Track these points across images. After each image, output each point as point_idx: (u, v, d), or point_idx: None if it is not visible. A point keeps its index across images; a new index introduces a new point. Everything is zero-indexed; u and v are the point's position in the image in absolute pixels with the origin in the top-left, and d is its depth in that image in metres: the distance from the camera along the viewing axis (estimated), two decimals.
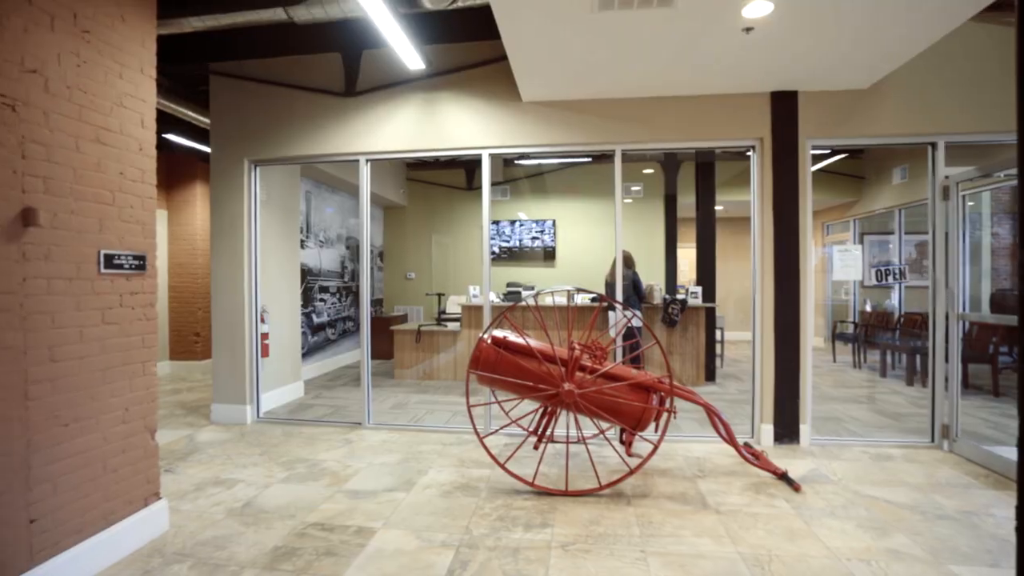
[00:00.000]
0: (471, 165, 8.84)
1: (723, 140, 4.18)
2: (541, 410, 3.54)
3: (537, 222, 8.82)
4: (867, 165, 8.42)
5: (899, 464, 3.63)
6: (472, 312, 6.62)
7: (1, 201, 1.97)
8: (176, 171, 7.67)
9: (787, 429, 4.05)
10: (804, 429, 4.03)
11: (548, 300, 6.67)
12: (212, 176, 4.78)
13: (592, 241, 8.73)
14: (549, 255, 8.89)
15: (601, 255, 8.45)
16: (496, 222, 8.93)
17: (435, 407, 5.24)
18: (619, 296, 4.37)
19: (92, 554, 2.31)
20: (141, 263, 2.60)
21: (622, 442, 3.64)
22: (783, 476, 3.30)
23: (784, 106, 4.04)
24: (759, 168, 4.14)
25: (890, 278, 4.24)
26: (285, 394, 5.47)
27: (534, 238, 8.83)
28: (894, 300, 7.51)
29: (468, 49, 4.40)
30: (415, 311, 8.98)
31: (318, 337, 7.09)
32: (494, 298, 6.87)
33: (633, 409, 3.21)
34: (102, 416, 2.39)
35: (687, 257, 9.92)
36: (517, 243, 8.83)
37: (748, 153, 4.23)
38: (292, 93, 4.65)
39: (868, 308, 7.83)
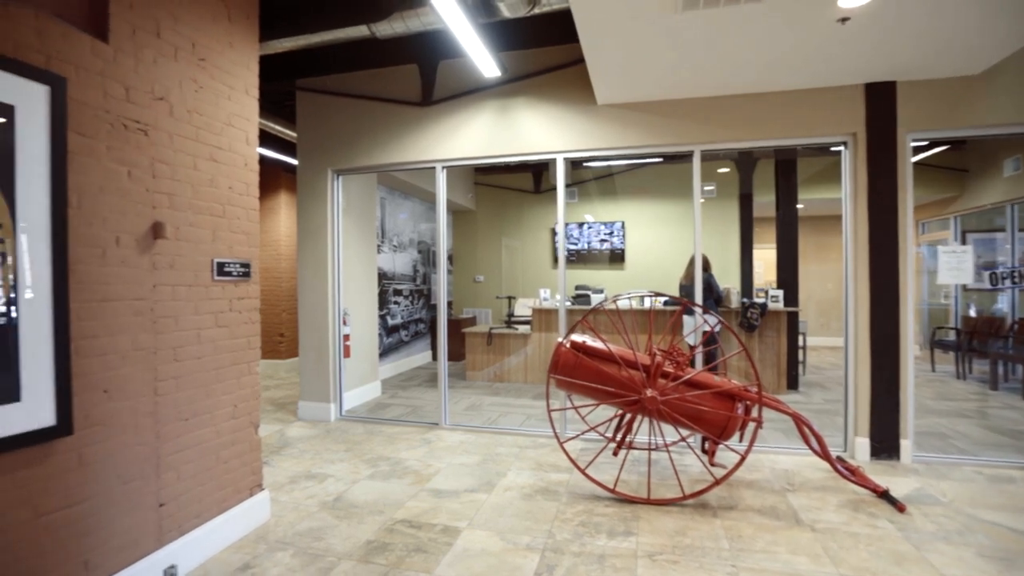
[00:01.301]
0: (538, 168, 8.87)
1: (810, 137, 3.96)
2: (620, 416, 3.50)
3: (606, 224, 8.72)
4: (971, 157, 7.72)
5: (1023, 488, 3.30)
6: (542, 315, 6.64)
7: (136, 217, 2.19)
8: (262, 182, 8.18)
9: (885, 444, 3.78)
10: (905, 444, 3.74)
11: (624, 303, 6.57)
12: (299, 186, 5.07)
13: (662, 243, 8.53)
14: (618, 257, 8.76)
15: (672, 257, 8.24)
16: (564, 224, 8.90)
17: (508, 410, 5.29)
18: (699, 299, 4.24)
19: (208, 538, 2.51)
20: (247, 270, 2.80)
21: (704, 451, 3.54)
22: (884, 494, 3.09)
23: (880, 98, 3.78)
24: (852, 165, 3.90)
25: (1007, 281, 3.85)
26: (364, 393, 5.70)
27: (603, 240, 8.74)
28: (1003, 304, 6.82)
29: (542, 54, 4.43)
30: (483, 313, 9.11)
31: (392, 338, 7.34)
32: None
33: (717, 418, 3.11)
34: (215, 411, 2.59)
35: (763, 258, 9.49)
36: (585, 245, 8.76)
37: (837, 149, 3.99)
38: (372, 105, 4.85)
39: (972, 313, 7.17)
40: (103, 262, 2.05)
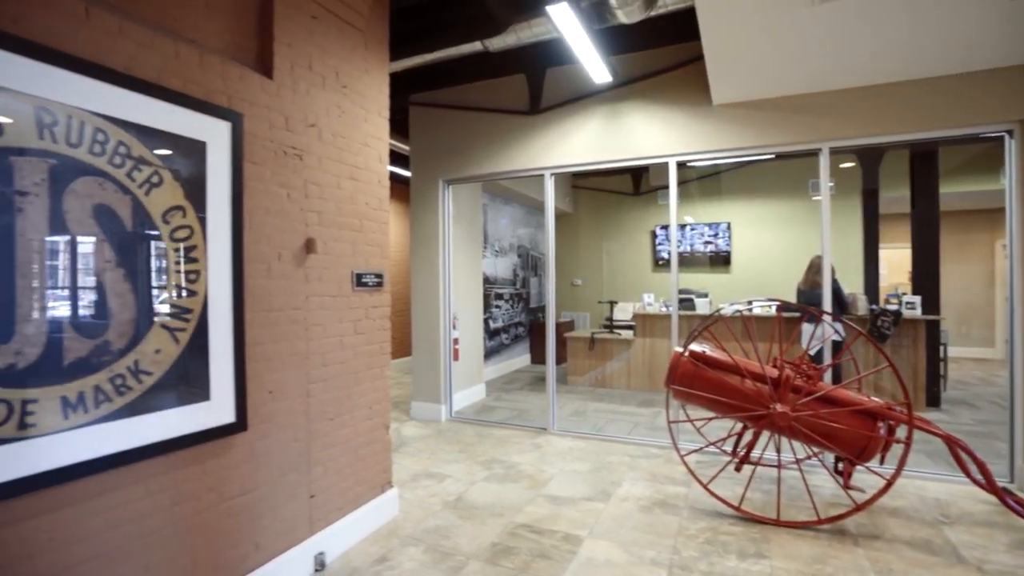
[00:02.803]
0: (638, 170, 8.67)
1: (963, 127, 3.54)
2: (743, 431, 3.34)
3: (710, 225, 8.35)
4: None
5: None
6: (646, 320, 6.49)
7: (292, 234, 2.41)
8: None
9: None
10: None
11: (731, 309, 6.26)
12: (412, 196, 5.34)
13: (772, 245, 8.02)
14: (723, 260, 8.36)
15: (782, 261, 7.73)
16: (664, 227, 8.65)
17: (614, 417, 5.22)
18: (827, 307, 3.94)
19: (349, 530, 2.71)
20: (380, 280, 2.99)
21: (836, 471, 3.28)
22: None
23: None
24: (1018, 156, 3.44)
25: None
26: (470, 395, 5.88)
27: (707, 242, 8.38)
28: None
29: (652, 56, 4.33)
30: (581, 317, 9.07)
31: (494, 341, 7.51)
32: (665, 307, 6.66)
33: (855, 437, 2.87)
34: (354, 412, 2.80)
35: (888, 259, 8.63)
36: (688, 248, 8.45)
37: (993, 136, 3.54)
38: (480, 115, 5.00)
39: None
40: (268, 276, 2.28)
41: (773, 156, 7.31)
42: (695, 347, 3.28)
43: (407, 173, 5.44)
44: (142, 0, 1.85)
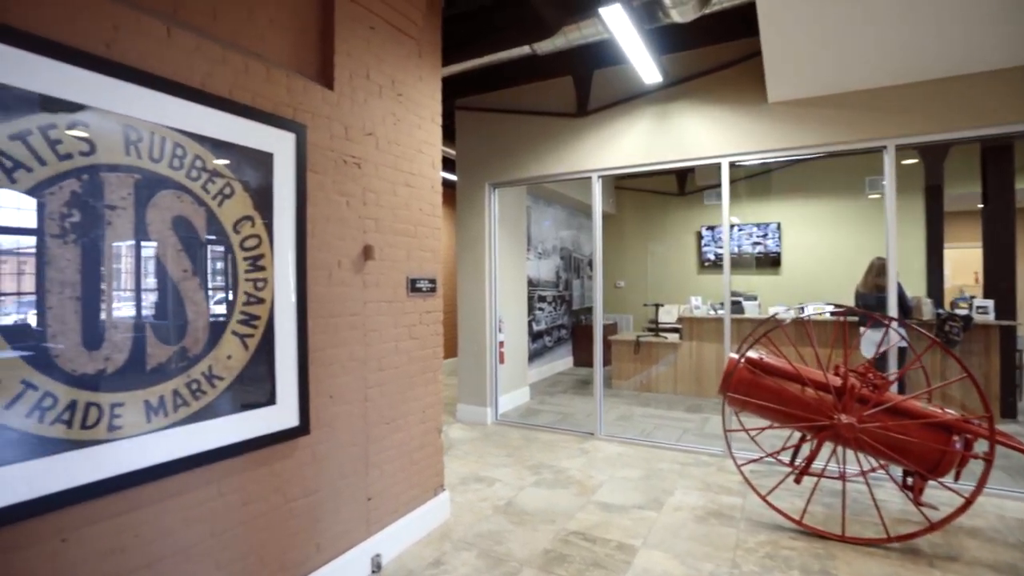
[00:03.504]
0: (683, 170, 8.48)
1: None
2: (802, 441, 3.21)
3: (759, 225, 8.09)
4: None
5: None
6: (694, 324, 6.34)
7: (351, 241, 2.46)
8: None
9: None
10: None
11: (785, 315, 6.05)
12: (458, 200, 5.38)
13: (823, 246, 7.70)
14: (771, 261, 8.08)
15: (834, 261, 7.42)
16: (711, 227, 8.44)
17: (662, 422, 5.13)
18: (893, 311, 3.76)
19: (403, 532, 2.74)
20: (433, 285, 3.02)
21: (904, 486, 3.11)
22: None
23: None
24: None
25: None
26: (515, 398, 5.88)
27: (755, 243, 8.12)
28: None
29: (704, 55, 4.23)
30: (624, 320, 8.95)
31: (537, 344, 7.49)
32: (713, 310, 6.49)
33: (929, 451, 2.72)
34: (408, 416, 2.83)
35: (954, 260, 8.17)
36: (735, 249, 8.21)
37: None
38: (527, 118, 4.99)
39: None
40: (329, 283, 2.33)
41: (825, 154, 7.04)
42: (752, 354, 3.17)
43: (453, 177, 5.48)
44: (215, 18, 1.92)
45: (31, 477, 1.38)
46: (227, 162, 1.89)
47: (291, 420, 2.12)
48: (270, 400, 2.04)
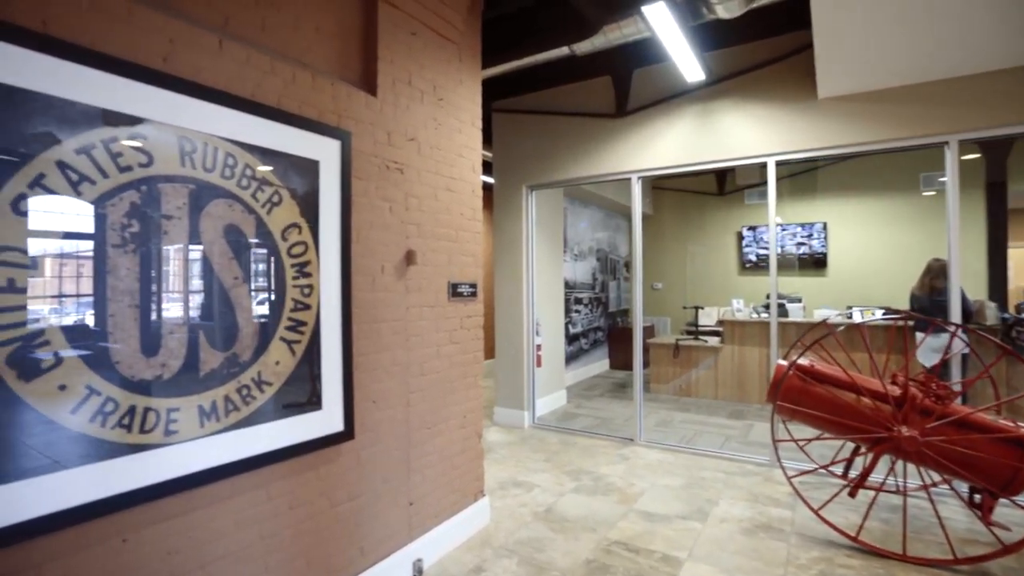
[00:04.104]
0: (723, 169, 8.28)
1: None
2: (856, 453, 3.06)
3: (803, 225, 7.81)
4: None
5: None
6: (735, 327, 6.16)
7: (394, 247, 2.47)
8: None
9: None
10: None
11: (836, 319, 5.82)
12: (495, 203, 5.37)
13: (873, 246, 7.36)
14: (816, 262, 7.79)
15: (886, 262, 7.09)
16: (752, 228, 8.20)
17: (703, 428, 5.00)
18: (955, 317, 3.55)
19: (444, 537, 2.74)
20: (474, 290, 3.01)
21: (971, 504, 2.93)
22: None
23: None
24: None
25: None
26: (552, 401, 5.84)
27: (799, 244, 7.85)
28: None
29: (748, 51, 4.10)
30: (661, 322, 8.78)
31: (573, 347, 7.42)
32: (756, 313, 6.30)
33: (999, 467, 2.54)
34: (449, 421, 2.83)
35: (1021, 261, 7.70)
36: (778, 249, 7.94)
37: None
38: (565, 120, 4.94)
39: None
40: (372, 288, 2.35)
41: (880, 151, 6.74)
42: (802, 361, 3.04)
43: (490, 180, 5.47)
44: (264, 29, 1.96)
45: (95, 479, 1.42)
46: (275, 169, 1.92)
47: (336, 425, 2.14)
48: (316, 405, 2.06)
